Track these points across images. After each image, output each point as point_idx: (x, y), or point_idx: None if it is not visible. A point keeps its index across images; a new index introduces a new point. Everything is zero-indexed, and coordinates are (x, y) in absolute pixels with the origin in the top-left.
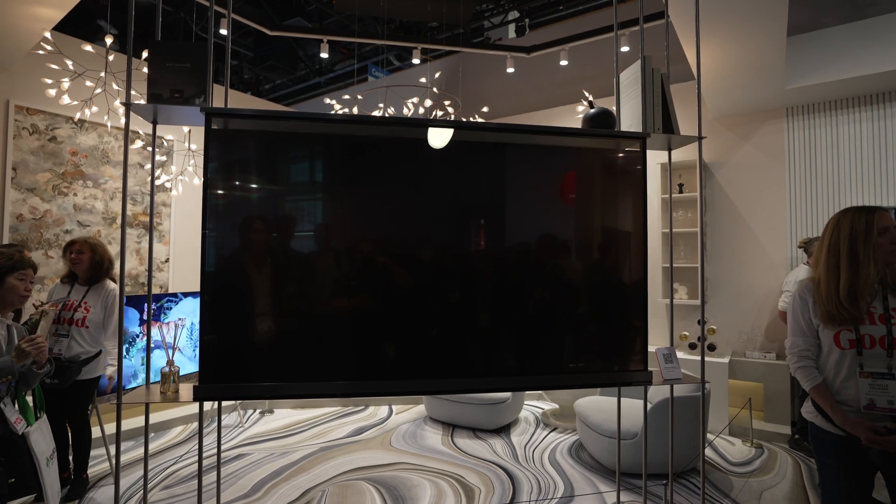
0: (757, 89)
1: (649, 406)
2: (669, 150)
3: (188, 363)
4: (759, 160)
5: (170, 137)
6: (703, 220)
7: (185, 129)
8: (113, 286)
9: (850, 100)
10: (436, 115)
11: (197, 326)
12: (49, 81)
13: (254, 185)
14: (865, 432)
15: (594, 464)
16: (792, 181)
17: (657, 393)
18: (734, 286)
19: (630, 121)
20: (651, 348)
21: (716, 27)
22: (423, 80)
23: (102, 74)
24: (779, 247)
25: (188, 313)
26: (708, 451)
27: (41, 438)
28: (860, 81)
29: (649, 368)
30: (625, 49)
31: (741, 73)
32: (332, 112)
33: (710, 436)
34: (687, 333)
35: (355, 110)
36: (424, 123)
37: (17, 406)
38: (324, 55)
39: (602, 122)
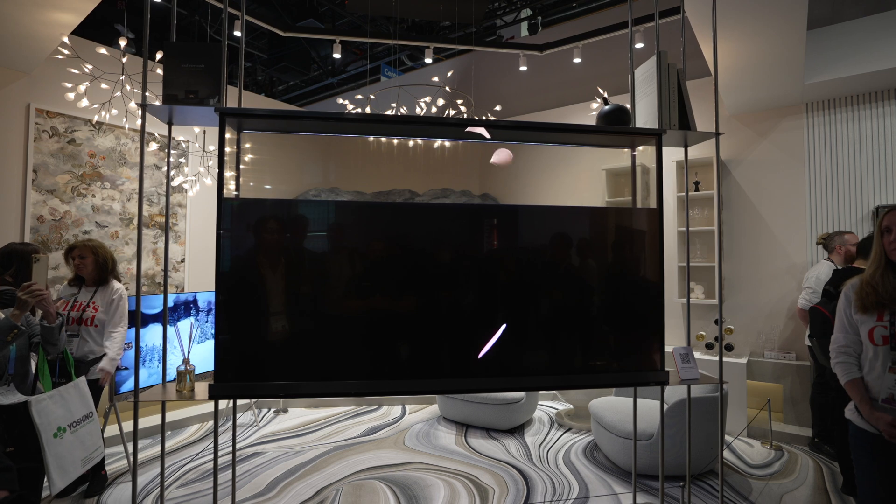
0: (775, 85)
1: (665, 407)
2: (686, 146)
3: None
4: (777, 157)
5: (183, 138)
6: (721, 219)
7: (196, 129)
8: (118, 286)
9: (872, 94)
10: (448, 114)
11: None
12: (68, 85)
13: (268, 187)
14: (886, 426)
15: (609, 465)
16: (812, 178)
17: (673, 394)
18: (752, 285)
19: (645, 117)
20: (667, 348)
21: (733, 21)
22: (435, 78)
23: (122, 77)
24: (798, 245)
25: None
26: (726, 453)
27: (55, 406)
28: (882, 75)
29: (666, 368)
30: (639, 46)
31: (759, 69)
32: (346, 112)
33: (727, 437)
34: (703, 333)
35: (368, 110)
36: (438, 122)
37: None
38: (336, 56)
39: (617, 118)
